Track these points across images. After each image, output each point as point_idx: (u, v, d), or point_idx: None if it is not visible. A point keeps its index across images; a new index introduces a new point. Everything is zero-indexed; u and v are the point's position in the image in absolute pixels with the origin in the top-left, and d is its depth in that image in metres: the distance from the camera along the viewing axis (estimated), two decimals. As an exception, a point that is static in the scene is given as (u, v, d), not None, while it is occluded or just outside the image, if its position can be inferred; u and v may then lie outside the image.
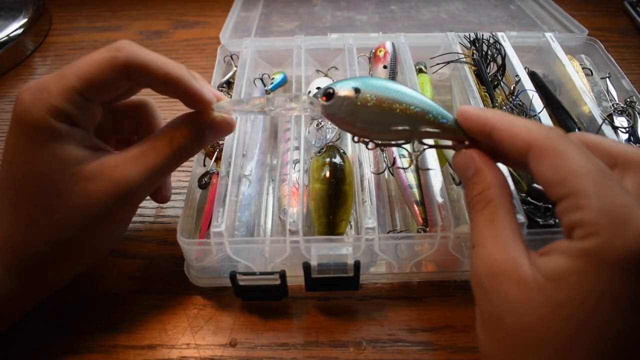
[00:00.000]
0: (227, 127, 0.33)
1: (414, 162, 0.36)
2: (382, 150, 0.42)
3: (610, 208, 0.20)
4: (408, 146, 0.31)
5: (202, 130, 0.32)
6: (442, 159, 0.42)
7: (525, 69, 0.49)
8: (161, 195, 0.38)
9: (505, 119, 0.26)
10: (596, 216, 0.20)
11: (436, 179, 0.37)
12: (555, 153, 0.22)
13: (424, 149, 0.31)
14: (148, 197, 0.37)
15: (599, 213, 0.20)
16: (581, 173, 0.21)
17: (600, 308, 0.20)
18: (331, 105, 0.29)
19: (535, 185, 0.37)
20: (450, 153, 0.41)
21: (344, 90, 0.29)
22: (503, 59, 0.49)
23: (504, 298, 0.22)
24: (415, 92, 0.29)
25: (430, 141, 0.31)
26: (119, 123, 0.36)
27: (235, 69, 0.51)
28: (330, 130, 0.43)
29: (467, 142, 0.29)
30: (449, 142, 0.30)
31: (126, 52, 0.29)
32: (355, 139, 0.30)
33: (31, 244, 0.29)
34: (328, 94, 0.29)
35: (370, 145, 0.30)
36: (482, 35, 0.51)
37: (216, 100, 0.32)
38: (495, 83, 0.47)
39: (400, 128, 0.28)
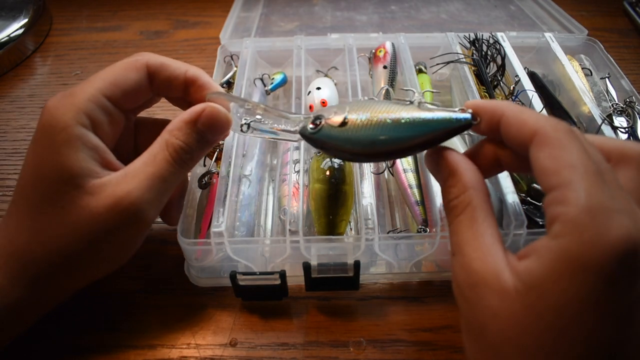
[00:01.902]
0: (222, 119, 0.31)
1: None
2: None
3: (596, 208, 0.20)
4: None
5: (194, 125, 0.31)
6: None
7: (524, 69, 0.49)
8: (171, 217, 0.37)
9: (516, 107, 0.25)
10: (579, 213, 0.20)
11: (436, 179, 0.37)
12: (559, 143, 0.22)
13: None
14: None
15: (582, 210, 0.20)
16: (577, 167, 0.21)
17: (579, 316, 0.20)
18: (314, 134, 0.29)
19: (535, 185, 0.37)
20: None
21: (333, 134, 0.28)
22: (503, 59, 0.49)
23: (486, 308, 0.22)
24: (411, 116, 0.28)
25: None
26: (140, 140, 0.36)
27: (235, 69, 0.51)
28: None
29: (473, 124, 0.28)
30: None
31: (146, 57, 0.32)
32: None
33: (34, 252, 0.29)
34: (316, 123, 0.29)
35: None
36: (482, 35, 0.52)
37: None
38: (495, 83, 0.47)
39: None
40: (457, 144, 0.42)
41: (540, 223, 0.36)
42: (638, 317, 0.20)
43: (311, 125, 0.29)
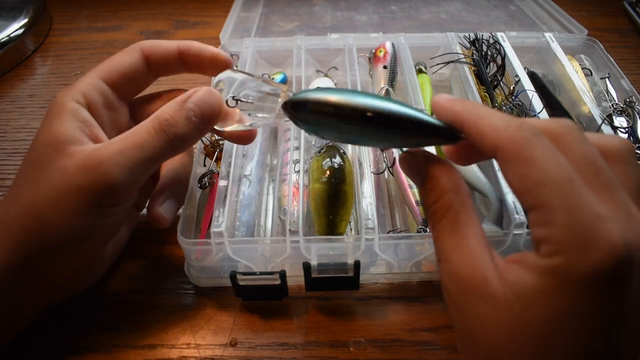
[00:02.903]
0: (214, 99, 0.30)
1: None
2: (382, 150, 0.42)
3: (577, 224, 0.19)
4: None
5: (183, 103, 0.30)
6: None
7: (524, 69, 0.49)
8: (157, 216, 0.35)
9: (474, 114, 0.23)
10: (562, 234, 0.19)
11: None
12: (521, 159, 0.21)
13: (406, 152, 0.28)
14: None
15: (565, 230, 0.19)
16: (548, 183, 0.20)
17: (567, 328, 0.19)
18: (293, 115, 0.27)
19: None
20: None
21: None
22: (503, 59, 0.49)
23: (476, 315, 0.21)
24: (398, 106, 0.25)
25: None
26: (135, 120, 0.36)
27: (235, 69, 0.51)
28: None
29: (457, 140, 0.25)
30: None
31: (139, 44, 0.34)
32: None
33: (10, 216, 0.29)
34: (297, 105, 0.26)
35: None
36: (482, 35, 0.52)
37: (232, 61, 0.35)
38: (495, 83, 0.47)
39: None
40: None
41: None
42: (630, 325, 0.20)
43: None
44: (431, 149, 0.38)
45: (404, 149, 0.27)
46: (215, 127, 0.31)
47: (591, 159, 0.21)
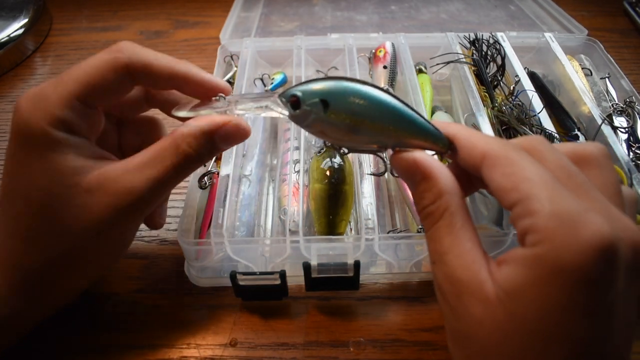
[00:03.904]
0: (242, 134, 0.30)
1: (387, 168, 0.31)
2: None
3: (561, 212, 0.20)
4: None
5: (212, 138, 0.29)
6: (442, 160, 0.42)
7: (524, 69, 0.49)
8: (154, 221, 0.35)
9: (466, 130, 0.26)
10: (547, 221, 0.20)
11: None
12: (508, 161, 0.22)
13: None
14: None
15: (550, 218, 0.20)
16: (533, 179, 0.21)
17: (558, 319, 0.20)
18: (297, 115, 0.26)
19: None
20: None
21: (310, 101, 0.26)
22: (503, 59, 0.49)
23: (471, 317, 0.22)
24: (392, 101, 0.26)
25: None
26: (123, 139, 0.34)
27: (235, 69, 0.51)
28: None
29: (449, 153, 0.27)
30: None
31: (127, 53, 0.28)
32: (328, 143, 0.29)
33: (33, 259, 0.28)
34: (294, 102, 0.26)
35: (343, 150, 0.28)
36: (482, 35, 0.52)
37: (225, 87, 0.30)
38: (495, 83, 0.47)
39: (374, 145, 0.27)
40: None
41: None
42: (618, 313, 0.20)
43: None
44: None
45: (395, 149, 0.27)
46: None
47: (563, 164, 0.23)
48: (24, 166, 0.27)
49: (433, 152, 0.28)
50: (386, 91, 0.26)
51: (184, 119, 0.30)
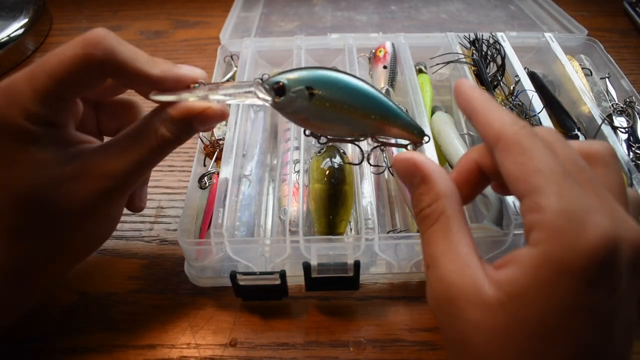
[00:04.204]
0: (220, 117, 0.30)
1: (365, 158, 0.32)
2: (382, 150, 0.42)
3: (569, 210, 0.20)
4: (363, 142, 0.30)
5: (189, 122, 0.29)
6: (442, 159, 0.42)
7: (524, 69, 0.49)
8: (134, 205, 0.36)
9: (487, 105, 0.25)
10: (554, 218, 0.20)
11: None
12: (521, 149, 0.22)
13: (376, 147, 0.30)
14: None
15: (557, 215, 0.20)
16: (543, 172, 0.21)
17: (562, 322, 0.20)
18: (281, 103, 0.27)
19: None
20: (448, 152, 0.42)
21: (295, 88, 0.27)
22: (503, 59, 0.49)
23: (467, 322, 0.21)
24: (372, 90, 0.27)
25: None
26: (101, 121, 0.34)
27: (235, 69, 0.51)
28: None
29: (424, 141, 0.29)
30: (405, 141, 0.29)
31: (102, 51, 0.26)
32: (307, 132, 0.29)
33: (20, 248, 0.28)
34: (278, 89, 0.27)
35: (322, 139, 0.29)
36: (482, 35, 0.51)
37: (200, 77, 0.30)
38: (495, 83, 0.47)
39: (355, 133, 0.28)
40: (458, 145, 0.42)
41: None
42: (619, 314, 0.20)
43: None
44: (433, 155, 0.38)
45: (376, 140, 0.29)
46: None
47: (575, 159, 0.23)
48: (3, 159, 0.27)
49: (408, 142, 0.29)
50: (365, 82, 0.27)
51: (163, 104, 0.30)
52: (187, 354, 0.34)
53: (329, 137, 0.29)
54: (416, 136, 0.28)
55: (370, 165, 0.38)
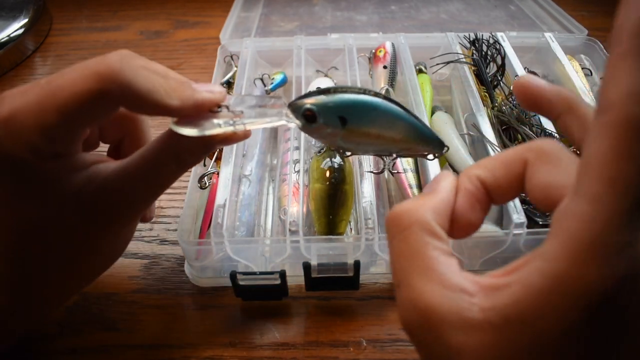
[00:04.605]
0: (242, 139, 0.29)
1: (387, 167, 0.32)
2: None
3: (603, 239, 0.16)
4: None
5: (213, 146, 0.29)
6: (442, 160, 0.42)
7: (524, 69, 0.49)
8: (144, 216, 0.35)
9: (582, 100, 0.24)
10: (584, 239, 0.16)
11: (436, 179, 0.37)
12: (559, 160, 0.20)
13: (397, 157, 0.30)
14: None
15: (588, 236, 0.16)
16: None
17: (565, 350, 0.17)
18: (311, 129, 0.27)
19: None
20: (449, 152, 0.42)
21: (327, 116, 0.26)
22: (503, 59, 0.49)
23: (447, 347, 0.18)
24: (402, 113, 0.27)
25: None
26: (103, 131, 0.33)
27: (235, 69, 0.51)
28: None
29: (443, 152, 0.29)
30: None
31: (118, 84, 0.24)
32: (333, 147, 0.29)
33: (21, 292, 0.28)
34: (309, 116, 0.26)
35: (347, 153, 0.29)
36: (482, 35, 0.52)
37: (221, 99, 0.28)
38: (495, 83, 0.47)
39: (381, 155, 0.29)
40: (458, 145, 0.42)
41: (540, 223, 0.36)
42: (629, 352, 0.18)
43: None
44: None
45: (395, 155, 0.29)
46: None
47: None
48: (14, 198, 0.26)
49: (428, 153, 0.29)
50: (394, 101, 0.27)
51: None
52: (188, 354, 0.34)
53: (351, 152, 0.29)
54: (437, 149, 0.29)
55: (391, 173, 0.38)
